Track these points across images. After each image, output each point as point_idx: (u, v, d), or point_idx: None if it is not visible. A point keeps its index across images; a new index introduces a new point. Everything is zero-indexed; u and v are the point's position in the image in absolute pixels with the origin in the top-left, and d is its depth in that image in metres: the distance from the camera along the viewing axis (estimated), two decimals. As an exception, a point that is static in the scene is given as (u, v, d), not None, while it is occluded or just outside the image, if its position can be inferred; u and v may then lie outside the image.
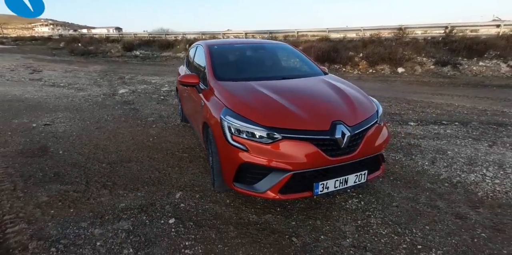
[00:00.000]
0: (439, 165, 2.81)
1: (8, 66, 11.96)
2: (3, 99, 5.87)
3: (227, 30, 17.61)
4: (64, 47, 21.25)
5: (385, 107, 5.43)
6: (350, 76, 10.22)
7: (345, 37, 13.70)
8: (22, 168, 2.85)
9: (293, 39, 14.81)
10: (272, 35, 15.32)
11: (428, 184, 2.47)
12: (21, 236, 1.84)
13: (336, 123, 1.89)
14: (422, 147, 3.31)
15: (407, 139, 3.63)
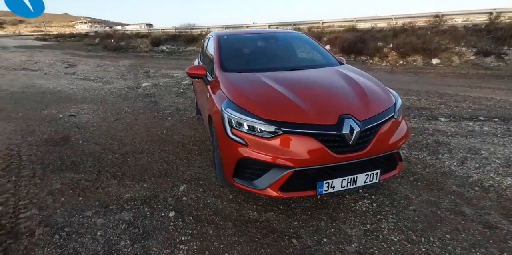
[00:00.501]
0: (470, 166, 2.50)
1: (47, 61, 12.87)
2: (38, 92, 6.30)
3: (252, 23, 17.37)
4: (98, 43, 22.42)
5: (413, 101, 5.02)
6: (378, 68, 9.62)
7: (374, 27, 12.89)
8: (43, 156, 3.01)
9: (317, 30, 14.24)
10: (296, 27, 14.86)
11: (454, 187, 2.20)
12: (31, 221, 1.93)
13: (344, 117, 1.72)
14: (452, 145, 2.97)
15: (435, 136, 3.29)
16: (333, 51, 12.49)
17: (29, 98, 5.61)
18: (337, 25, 14.87)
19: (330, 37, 12.95)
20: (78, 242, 1.73)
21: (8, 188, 2.36)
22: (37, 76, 8.57)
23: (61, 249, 1.67)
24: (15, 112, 4.66)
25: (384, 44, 11.35)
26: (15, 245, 1.70)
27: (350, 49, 11.41)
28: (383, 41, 11.49)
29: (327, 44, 12.90)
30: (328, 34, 13.64)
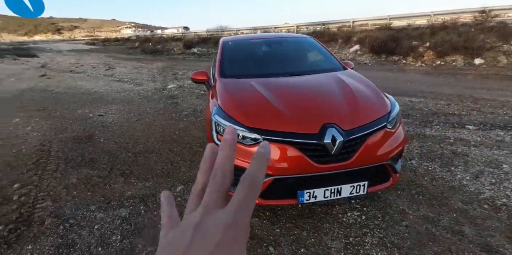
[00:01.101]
0: (484, 181, 2.27)
1: (92, 63, 14.16)
2: (78, 92, 6.99)
3: (284, 23, 17.29)
4: (138, 47, 24.07)
5: (441, 106, 4.65)
6: (410, 69, 9.03)
7: (411, 25, 12.08)
8: (68, 152, 3.36)
9: (347, 29, 13.74)
10: (325, 27, 14.48)
11: (459, 204, 2.02)
12: (44, 212, 2.18)
13: (327, 126, 1.68)
14: (470, 157, 2.71)
15: (455, 145, 3.03)
16: (362, 51, 11.98)
17: (69, 99, 6.25)
18: (371, 23, 14.21)
19: (360, 36, 12.45)
20: (77, 234, 1.92)
21: (33, 180, 2.68)
22: (80, 78, 9.48)
23: (62, 238, 1.87)
24: (55, 111, 5.23)
25: (420, 43, 10.61)
26: (27, 232, 1.95)
27: (380, 49, 10.86)
28: (418, 40, 10.75)
29: (356, 44, 12.41)
30: (359, 33, 13.11)
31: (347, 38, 13.01)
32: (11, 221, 2.06)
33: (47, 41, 58.91)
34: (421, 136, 3.43)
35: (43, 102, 5.94)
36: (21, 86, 7.88)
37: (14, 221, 2.06)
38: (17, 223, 2.05)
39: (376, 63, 10.73)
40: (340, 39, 13.40)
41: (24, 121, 4.58)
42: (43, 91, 7.10)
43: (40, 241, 1.84)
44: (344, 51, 12.73)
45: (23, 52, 19.73)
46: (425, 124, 3.88)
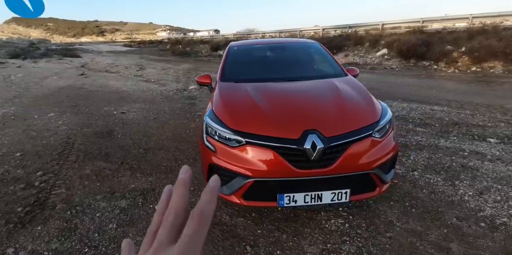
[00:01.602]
0: (488, 198, 2.13)
1: (125, 64, 15.15)
2: (108, 91, 7.55)
3: (314, 26, 17.15)
4: (169, 49, 25.29)
5: (465, 116, 4.38)
6: (441, 75, 8.54)
7: (445, 28, 11.39)
8: (89, 146, 3.68)
9: (376, 33, 13.29)
10: (352, 30, 14.13)
11: (454, 219, 1.92)
12: (57, 198, 2.44)
13: (309, 132, 1.71)
14: (481, 171, 2.55)
15: (468, 159, 2.85)
16: (390, 56, 11.51)
17: (99, 96, 6.79)
18: (403, 26, 13.63)
19: (388, 40, 11.99)
20: (80, 219, 2.13)
21: (54, 169, 3.00)
22: (113, 78, 10.21)
23: (66, 223, 2.08)
24: (85, 107, 5.72)
25: (455, 47, 9.98)
26: (40, 214, 2.20)
27: (409, 53, 10.39)
28: (453, 44, 10.11)
29: (384, 47, 11.97)
30: (387, 37, 12.63)
31: (375, 42, 12.60)
32: (29, 204, 2.34)
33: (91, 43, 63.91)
34: (433, 147, 3.27)
35: (76, 99, 6.51)
36: (60, 84, 8.68)
37: (31, 204, 2.34)
38: (33, 206, 2.32)
39: (403, 68, 10.27)
40: (367, 42, 13.01)
41: (57, 116, 5.07)
42: (78, 89, 7.77)
43: (48, 223, 2.08)
44: (370, 55, 12.34)
45: (68, 53, 21.58)
46: (441, 135, 3.69)
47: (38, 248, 1.83)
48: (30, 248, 1.83)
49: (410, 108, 5.06)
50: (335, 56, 13.55)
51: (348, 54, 13.16)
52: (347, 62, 12.64)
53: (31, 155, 3.39)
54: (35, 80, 9.39)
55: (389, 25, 13.62)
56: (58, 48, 26.63)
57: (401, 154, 3.10)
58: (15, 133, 4.15)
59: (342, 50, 13.50)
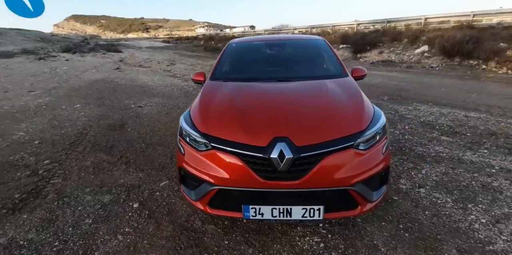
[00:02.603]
0: (505, 229, 1.75)
1: (159, 59, 15.83)
2: (134, 85, 7.91)
3: (354, 21, 16.25)
4: (202, 45, 25.92)
5: (506, 126, 3.82)
6: (489, 76, 7.57)
7: (501, 23, 10.00)
8: (98, 138, 3.85)
9: (417, 28, 12.16)
10: (390, 25, 13.10)
11: (453, 251, 1.61)
12: (52, 187, 2.56)
13: (278, 140, 1.53)
14: (504, 195, 2.13)
15: (494, 177, 2.42)
16: (431, 53, 10.46)
17: (124, 90, 7.13)
18: (453, 20, 12.28)
19: (430, 36, 10.91)
20: (63, 211, 2.20)
21: (61, 159, 3.17)
22: (143, 72, 10.70)
23: (49, 213, 2.16)
24: (108, 100, 6.04)
25: (510, 45, 8.73)
26: (31, 203, 2.32)
27: (453, 51, 9.35)
28: (508, 42, 8.87)
29: (425, 44, 10.90)
30: (430, 32, 11.50)
31: (414, 38, 11.54)
32: (26, 191, 2.48)
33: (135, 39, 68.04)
34: (455, 160, 2.84)
35: (103, 91, 6.91)
36: (96, 77, 9.31)
37: (29, 192, 2.48)
38: (30, 193, 2.46)
39: (445, 68, 9.27)
40: (406, 38, 11.98)
41: (82, 107, 5.42)
42: (109, 82, 8.25)
43: (34, 213, 2.17)
44: (407, 52, 11.35)
45: (112, 48, 23.19)
46: (470, 147, 3.21)
47: (17, 236, 1.91)
48: (10, 235, 1.92)
49: (440, 114, 4.50)
50: (368, 53, 12.71)
51: (382, 51, 12.25)
52: (381, 60, 11.77)
53: (47, 143, 3.64)
54: (76, 73, 10.20)
55: (433, 19, 12.37)
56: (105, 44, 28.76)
57: (413, 165, 2.75)
58: (41, 122, 4.50)
59: (376, 47, 12.61)
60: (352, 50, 13.00)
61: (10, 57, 14.12)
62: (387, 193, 2.25)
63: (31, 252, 1.77)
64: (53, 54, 16.81)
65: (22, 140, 3.75)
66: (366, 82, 7.46)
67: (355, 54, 12.91)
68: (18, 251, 1.77)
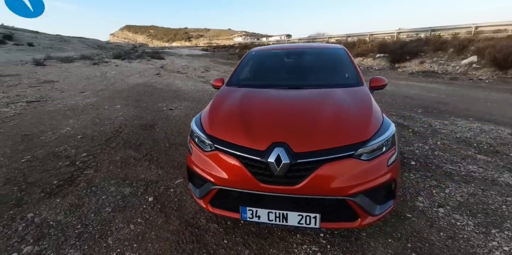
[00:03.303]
0: (531, 261, 1.55)
1: (196, 66, 16.71)
2: (169, 89, 8.47)
3: (398, 29, 15.59)
4: (237, 53, 26.77)
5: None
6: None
7: None
8: (131, 136, 4.19)
9: (465, 37, 11.26)
10: (435, 34, 12.31)
11: (463, 279, 1.48)
12: (85, 177, 2.86)
13: (276, 145, 1.57)
14: (540, 222, 1.88)
15: (531, 202, 2.16)
16: (481, 65, 9.60)
17: (160, 94, 7.67)
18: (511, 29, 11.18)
19: (480, 45, 10.04)
20: (89, 198, 2.45)
21: (96, 153, 3.52)
22: (179, 78, 11.39)
23: (78, 199, 2.43)
24: (145, 102, 6.55)
25: None
26: (65, 189, 2.61)
27: (507, 63, 8.50)
28: None
29: (474, 55, 10.05)
30: (481, 42, 10.58)
31: (461, 47, 10.72)
32: (63, 179, 2.81)
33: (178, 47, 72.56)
34: (488, 182, 2.59)
35: (142, 94, 7.51)
36: (138, 81, 10.14)
37: (65, 179, 2.80)
38: (65, 181, 2.78)
39: (496, 81, 8.43)
40: (451, 48, 11.16)
41: (121, 108, 5.95)
42: (148, 86, 8.94)
43: (66, 198, 2.45)
44: (453, 63, 10.56)
45: (156, 55, 25.11)
46: (510, 168, 2.89)
47: (48, 217, 2.18)
48: (43, 216, 2.19)
49: (481, 130, 4.12)
50: (407, 62, 12.06)
51: (424, 61, 11.54)
52: (422, 70, 11.09)
53: (87, 138, 4.07)
54: (122, 77, 11.22)
55: (486, 28, 11.36)
56: (150, 51, 31.20)
57: (436, 183, 2.56)
58: (85, 119, 5.05)
59: (417, 57, 11.92)
60: (390, 60, 12.44)
61: (70, 62, 16.02)
62: (400, 209, 2.13)
63: (57, 232, 2.00)
64: (105, 60, 18.69)
65: (68, 134, 4.24)
66: (401, 94, 7.09)
67: (392, 64, 12.33)
68: (47, 230, 2.02)
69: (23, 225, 2.07)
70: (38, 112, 5.44)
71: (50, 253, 1.79)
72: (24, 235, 1.97)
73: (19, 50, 19.00)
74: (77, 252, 1.79)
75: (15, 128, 4.47)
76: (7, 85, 8.26)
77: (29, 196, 2.48)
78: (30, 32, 27.22)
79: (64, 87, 8.35)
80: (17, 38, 21.58)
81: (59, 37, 29.17)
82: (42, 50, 20.71)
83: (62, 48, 23.61)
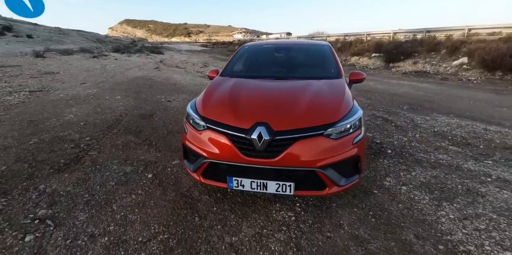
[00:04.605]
0: (469, 225, 1.86)
1: (195, 62, 16.91)
2: (168, 83, 8.70)
3: (398, 29, 15.85)
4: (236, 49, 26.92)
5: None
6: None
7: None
8: (131, 124, 4.46)
9: (459, 38, 11.59)
10: (430, 35, 12.62)
11: (410, 236, 1.78)
12: (89, 157, 3.13)
13: (259, 124, 1.85)
14: (486, 198, 2.20)
15: (485, 185, 2.49)
16: (471, 66, 9.93)
17: (158, 87, 7.91)
18: (507, 32, 11.49)
19: (472, 47, 10.37)
20: (94, 174, 2.72)
21: (98, 137, 3.79)
22: (178, 72, 11.61)
23: (84, 175, 2.70)
24: (144, 94, 6.80)
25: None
26: (72, 166, 2.89)
27: (495, 64, 8.87)
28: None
29: (465, 56, 10.38)
30: (473, 43, 10.91)
31: (454, 49, 11.05)
32: (69, 159, 3.08)
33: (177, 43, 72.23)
34: (452, 168, 2.91)
35: (141, 87, 7.75)
36: (138, 74, 10.35)
37: (71, 159, 3.07)
38: (72, 160, 3.05)
39: (484, 82, 8.78)
40: (444, 49, 11.48)
41: (121, 99, 6.20)
42: (147, 79, 9.16)
43: (73, 173, 2.73)
44: (444, 63, 10.89)
45: (155, 50, 25.20)
46: (476, 158, 3.23)
47: (58, 188, 2.45)
48: (54, 187, 2.47)
49: (458, 125, 4.44)
50: (401, 62, 12.38)
51: (417, 61, 11.86)
52: (414, 70, 11.41)
53: (90, 125, 4.33)
54: (121, 70, 11.41)
55: (480, 31, 11.68)
56: (149, 46, 31.25)
57: (405, 168, 2.87)
58: (87, 108, 5.29)
59: (411, 57, 12.24)
60: (385, 59, 12.75)
61: (70, 55, 16.15)
62: (369, 187, 2.44)
63: (67, 199, 2.28)
64: (105, 53, 18.80)
65: (71, 120, 4.50)
66: (390, 92, 7.40)
67: (387, 64, 12.64)
68: (58, 198, 2.30)
69: (36, 194, 2.35)
70: (41, 101, 5.67)
71: (62, 215, 2.07)
72: (38, 201, 2.25)
73: (19, 42, 19.06)
74: (86, 214, 2.07)
75: (20, 114, 4.72)
76: (9, 76, 8.46)
77: (39, 172, 2.76)
78: (29, 24, 27.17)
79: (65, 78, 8.56)
80: (16, 30, 21.58)
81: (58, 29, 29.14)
82: (41, 42, 20.77)
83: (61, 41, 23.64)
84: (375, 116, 4.96)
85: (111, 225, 1.95)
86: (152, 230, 1.89)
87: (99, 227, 1.93)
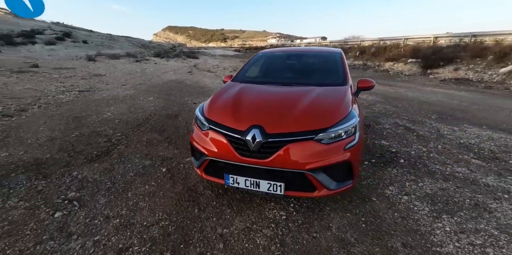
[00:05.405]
0: (465, 239, 1.81)
1: (226, 66, 17.54)
2: (197, 86, 9.22)
3: (446, 33, 15.00)
4: (270, 54, 27.26)
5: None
6: None
7: None
8: (158, 123, 4.88)
9: (508, 44, 10.57)
10: (476, 39, 11.67)
11: (397, 244, 1.79)
12: (117, 151, 3.53)
13: (254, 127, 2.00)
14: (493, 214, 2.09)
15: (497, 200, 2.34)
16: (520, 74, 8.99)
17: (188, 89, 8.43)
18: None
19: (523, 54, 9.38)
20: (119, 165, 3.08)
21: (128, 133, 4.23)
22: (208, 76, 12.19)
23: (110, 165, 3.08)
24: (173, 96, 7.32)
25: None
26: (102, 158, 3.29)
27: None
28: None
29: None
30: (525, 50, 9.88)
31: (502, 55, 10.12)
32: (101, 151, 3.51)
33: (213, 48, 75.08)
34: (467, 182, 2.76)
35: (172, 89, 8.33)
36: (172, 78, 11.10)
37: (102, 151, 3.50)
38: (103, 152, 3.48)
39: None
40: (491, 55, 10.54)
41: (153, 100, 6.76)
42: (179, 83, 9.80)
43: (102, 164, 3.12)
44: (490, 71, 10.01)
45: (192, 55, 26.60)
46: (499, 173, 3.01)
47: (88, 175, 2.84)
48: (84, 174, 2.86)
49: (489, 138, 4.13)
50: (440, 69, 11.61)
51: (459, 67, 11.03)
52: (455, 77, 10.63)
53: (123, 123, 4.83)
54: (158, 73, 12.32)
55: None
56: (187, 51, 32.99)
57: (413, 178, 2.79)
58: (123, 107, 5.88)
59: (452, 63, 11.42)
60: (422, 65, 12.05)
61: (117, 59, 17.78)
62: (368, 194, 2.44)
63: (93, 185, 2.64)
64: (146, 58, 20.34)
65: (108, 118, 5.05)
66: (420, 99, 7.04)
67: (424, 70, 11.93)
68: (86, 184, 2.67)
69: (70, 179, 2.75)
70: (87, 100, 6.42)
71: (87, 198, 2.41)
72: (70, 185, 2.63)
73: (75, 46, 21.44)
74: (105, 199, 2.40)
75: (68, 111, 5.42)
76: (64, 77, 9.64)
77: (75, 161, 3.20)
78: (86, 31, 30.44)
79: (109, 80, 9.51)
80: (74, 36, 24.30)
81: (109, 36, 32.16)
82: (94, 47, 23.11)
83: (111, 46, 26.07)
84: (397, 125, 4.80)
85: (124, 210, 2.23)
86: (157, 217, 2.14)
87: (114, 211, 2.22)
